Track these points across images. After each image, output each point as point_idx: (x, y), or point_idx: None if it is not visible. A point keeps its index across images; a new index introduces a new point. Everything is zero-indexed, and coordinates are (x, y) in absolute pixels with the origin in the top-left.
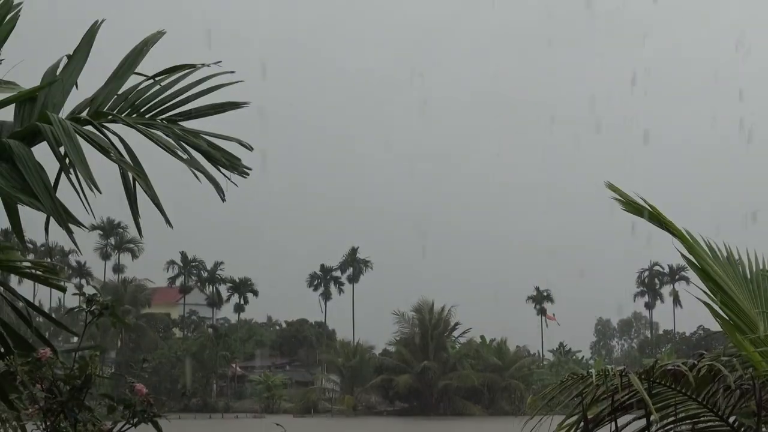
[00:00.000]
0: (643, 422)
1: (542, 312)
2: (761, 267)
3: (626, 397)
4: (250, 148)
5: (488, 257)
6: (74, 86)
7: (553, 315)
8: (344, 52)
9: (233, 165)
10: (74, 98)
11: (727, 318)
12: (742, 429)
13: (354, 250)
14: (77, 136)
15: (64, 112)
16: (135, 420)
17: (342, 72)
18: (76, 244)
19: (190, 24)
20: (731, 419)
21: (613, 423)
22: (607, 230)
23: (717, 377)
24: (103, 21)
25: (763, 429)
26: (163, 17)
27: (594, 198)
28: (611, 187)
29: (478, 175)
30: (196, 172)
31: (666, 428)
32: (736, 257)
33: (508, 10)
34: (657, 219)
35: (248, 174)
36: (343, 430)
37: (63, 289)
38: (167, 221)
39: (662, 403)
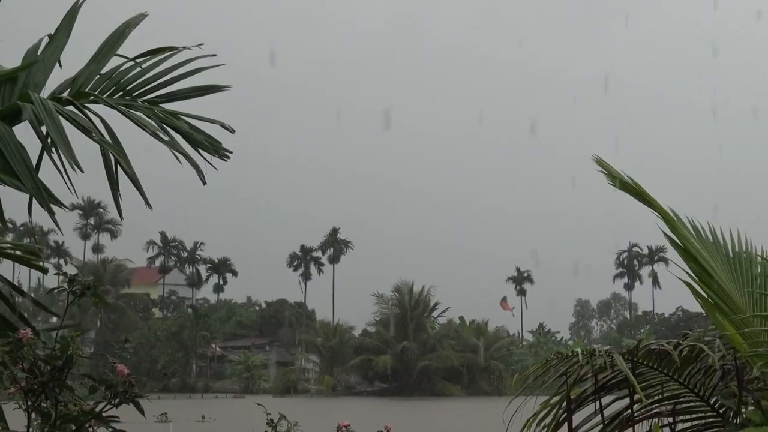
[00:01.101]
0: (624, 402)
1: (522, 293)
2: (744, 247)
3: (609, 377)
4: (232, 131)
5: (468, 238)
6: (55, 66)
7: (509, 304)
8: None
9: (214, 148)
10: (56, 79)
11: (708, 299)
12: (723, 409)
13: (335, 231)
14: (59, 115)
15: (46, 92)
16: (117, 401)
17: (330, 48)
18: (57, 224)
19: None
20: (712, 400)
21: (598, 402)
22: (588, 210)
23: (699, 358)
24: (84, 0)
25: (743, 409)
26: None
27: (575, 178)
28: (599, 161)
29: (461, 157)
30: (178, 154)
31: (648, 408)
32: (720, 237)
33: None
34: (640, 196)
35: (229, 157)
36: (323, 410)
37: (44, 270)
38: (147, 203)
39: (645, 383)
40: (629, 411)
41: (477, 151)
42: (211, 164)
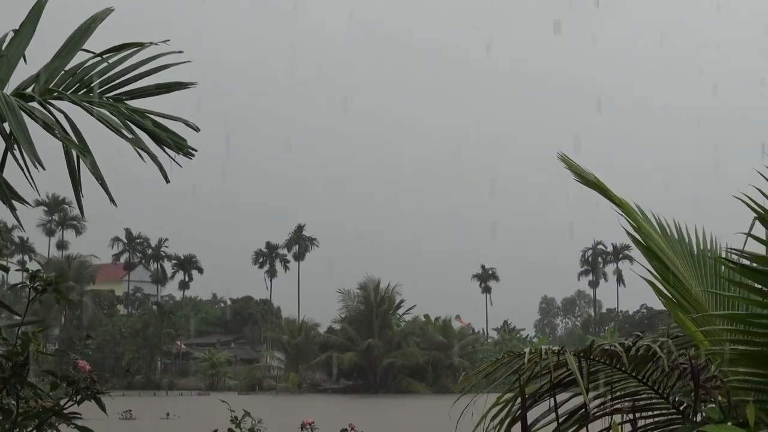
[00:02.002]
0: (581, 399)
1: (487, 290)
2: (708, 246)
3: (565, 374)
4: (197, 129)
5: (433, 236)
6: (19, 62)
7: (466, 321)
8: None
9: (179, 146)
10: (21, 75)
11: (670, 297)
12: (682, 407)
13: (300, 228)
14: (21, 112)
15: (9, 89)
16: (78, 397)
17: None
18: (19, 220)
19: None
20: (671, 398)
21: (552, 399)
22: (551, 208)
23: (655, 357)
24: None
25: (702, 407)
26: None
27: (541, 175)
28: (564, 158)
29: (427, 154)
30: (141, 152)
31: (607, 404)
32: (685, 234)
33: None
34: (605, 193)
35: (194, 155)
36: (288, 407)
37: (5, 269)
38: (111, 200)
39: (603, 380)
40: (583, 409)
41: (443, 148)
42: (176, 161)
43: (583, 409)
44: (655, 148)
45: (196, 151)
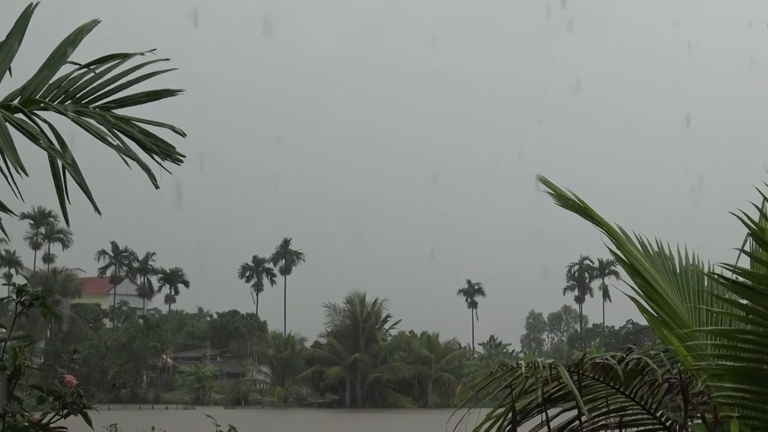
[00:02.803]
0: (571, 414)
1: (473, 305)
2: (691, 262)
3: (555, 389)
4: (183, 135)
5: (419, 251)
6: (6, 73)
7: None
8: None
9: (167, 152)
10: (6, 87)
11: (654, 313)
12: (669, 423)
13: (286, 242)
14: (6, 123)
15: None
16: (65, 411)
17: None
18: (5, 232)
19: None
20: (659, 413)
21: (544, 414)
22: (538, 224)
23: (645, 371)
24: (37, 4)
25: (689, 422)
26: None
27: (526, 192)
28: (544, 180)
29: (411, 168)
30: (128, 159)
31: (594, 420)
32: (667, 252)
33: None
34: (585, 213)
35: (182, 162)
36: (273, 421)
37: None
38: (96, 209)
39: (591, 396)
40: (575, 423)
41: (429, 163)
42: (165, 168)
43: (576, 422)
44: (634, 165)
45: (184, 157)
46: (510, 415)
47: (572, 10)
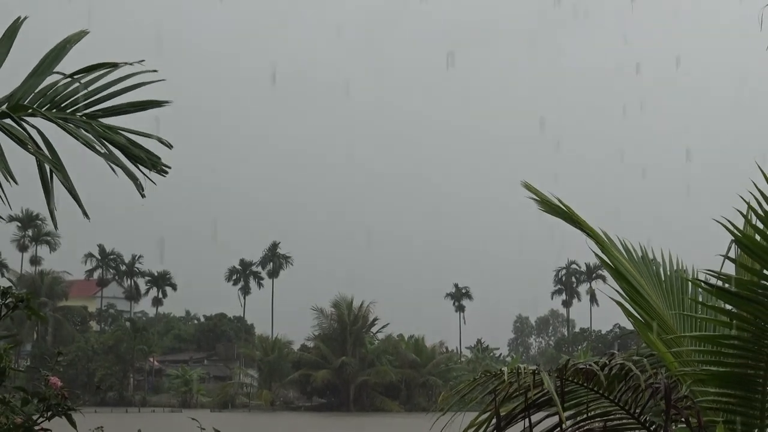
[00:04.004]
0: (556, 419)
1: (461, 309)
2: (675, 267)
3: (539, 394)
4: (170, 146)
5: (407, 254)
6: None
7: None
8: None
9: (152, 162)
10: None
11: (639, 318)
12: (653, 427)
13: (275, 245)
14: None
15: None
16: (49, 414)
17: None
18: None
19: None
20: (642, 417)
21: (527, 420)
22: (526, 228)
23: (629, 376)
24: (25, 18)
25: (673, 427)
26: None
27: (513, 196)
28: (528, 186)
29: (398, 173)
30: (115, 167)
31: (578, 425)
32: (651, 257)
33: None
34: (571, 218)
35: (167, 172)
36: (260, 424)
37: None
38: (84, 213)
39: (575, 401)
40: (559, 428)
41: (416, 166)
42: (149, 179)
43: (558, 428)
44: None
45: (169, 168)
46: (494, 420)
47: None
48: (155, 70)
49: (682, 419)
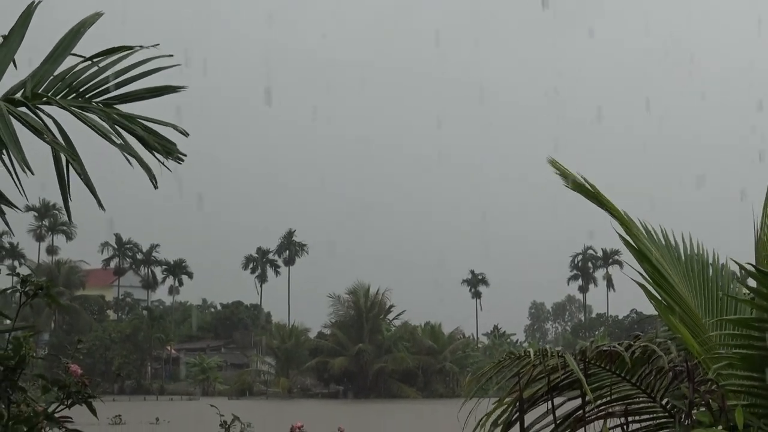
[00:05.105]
0: (576, 402)
1: (477, 295)
2: (696, 251)
3: (562, 377)
4: (186, 134)
5: (423, 241)
6: (9, 66)
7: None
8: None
9: (168, 151)
10: (9, 81)
11: (661, 300)
12: (674, 410)
13: (290, 233)
14: (10, 116)
15: None
16: (69, 401)
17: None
18: (8, 225)
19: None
20: (664, 401)
21: (550, 402)
22: (543, 214)
23: (651, 359)
24: (39, 3)
25: (694, 410)
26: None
27: (531, 181)
28: (553, 163)
29: (416, 159)
30: (130, 157)
31: (599, 409)
32: (672, 241)
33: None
34: (595, 197)
35: (183, 160)
36: (278, 412)
37: None
38: (100, 205)
39: (596, 384)
40: (581, 411)
41: (431, 153)
42: (166, 166)
43: (579, 411)
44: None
45: (185, 156)
46: (517, 403)
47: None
48: (171, 55)
49: (703, 402)
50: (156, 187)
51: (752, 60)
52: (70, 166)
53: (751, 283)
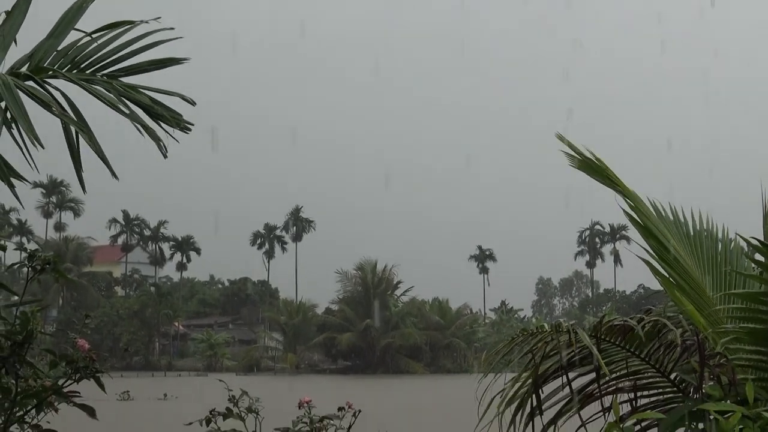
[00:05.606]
0: (586, 379)
1: (485, 271)
2: (705, 226)
3: (573, 353)
4: (193, 103)
5: (431, 217)
6: (13, 43)
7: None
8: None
9: (176, 120)
10: (12, 57)
11: (667, 276)
12: (683, 385)
13: (298, 209)
14: (18, 90)
15: (3, 69)
16: (77, 376)
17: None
18: (18, 198)
19: None
20: (672, 375)
21: (565, 377)
22: (550, 189)
23: (660, 333)
24: None
25: (704, 384)
26: None
27: (539, 156)
28: (561, 138)
29: (422, 134)
30: (139, 126)
31: (609, 384)
32: (681, 217)
33: None
34: (603, 174)
35: (190, 130)
36: (286, 387)
37: (3, 248)
38: (113, 174)
39: (606, 359)
40: (591, 387)
41: (439, 126)
42: (173, 137)
43: (590, 387)
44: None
45: (192, 125)
46: (530, 380)
47: None
48: (172, 28)
49: (713, 377)
50: (165, 157)
51: None
52: (80, 139)
53: (760, 258)
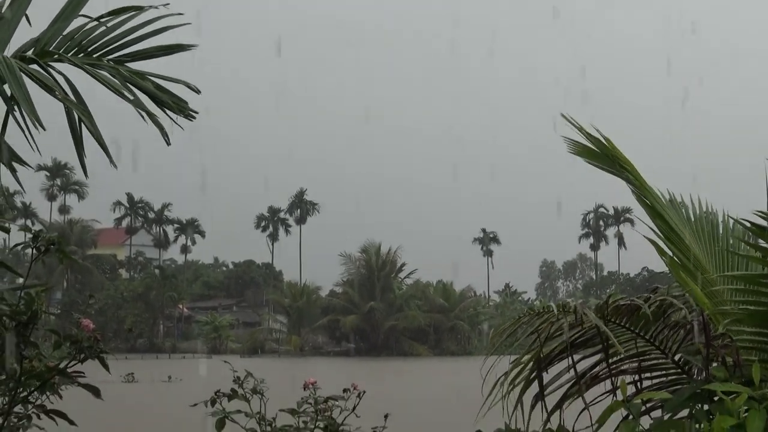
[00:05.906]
0: (590, 361)
1: (489, 254)
2: (704, 209)
3: (578, 334)
4: (198, 91)
5: (435, 199)
6: (20, 27)
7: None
8: None
9: (180, 108)
10: (20, 39)
11: (673, 256)
12: (687, 366)
13: (302, 192)
14: (21, 74)
15: (9, 52)
16: (82, 356)
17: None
18: (19, 182)
19: None
20: (677, 357)
21: (570, 359)
22: (554, 171)
23: (666, 314)
24: None
25: (709, 366)
26: None
27: (541, 137)
28: (568, 118)
29: (425, 121)
30: (143, 113)
31: (613, 366)
32: (681, 201)
33: None
34: (608, 156)
35: (195, 117)
36: (290, 369)
37: (6, 230)
38: (112, 162)
39: (610, 341)
40: (596, 368)
41: (442, 109)
42: (177, 123)
43: (595, 369)
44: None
45: (197, 113)
46: (533, 362)
47: None
48: (181, 13)
49: (718, 358)
50: (169, 144)
51: None
52: (82, 124)
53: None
